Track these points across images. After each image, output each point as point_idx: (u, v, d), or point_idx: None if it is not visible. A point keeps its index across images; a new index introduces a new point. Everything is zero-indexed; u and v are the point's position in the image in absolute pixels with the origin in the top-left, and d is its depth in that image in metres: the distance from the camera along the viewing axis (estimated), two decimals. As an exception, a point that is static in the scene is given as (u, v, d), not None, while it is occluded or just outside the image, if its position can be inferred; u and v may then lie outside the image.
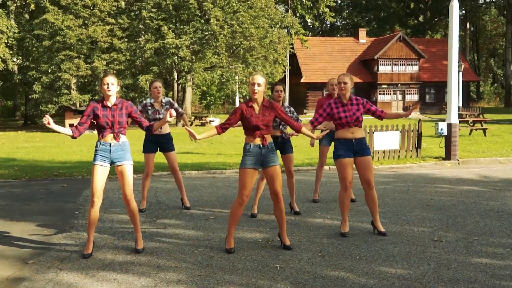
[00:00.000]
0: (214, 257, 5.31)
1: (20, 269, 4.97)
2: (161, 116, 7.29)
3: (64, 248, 5.65)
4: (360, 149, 5.98)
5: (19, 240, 6.04)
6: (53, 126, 5.30)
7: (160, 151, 7.50)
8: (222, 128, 5.46)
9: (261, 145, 5.39)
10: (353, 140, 5.95)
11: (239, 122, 5.55)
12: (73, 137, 5.41)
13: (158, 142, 7.39)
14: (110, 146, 5.32)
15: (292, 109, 7.16)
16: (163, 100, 7.40)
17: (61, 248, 5.67)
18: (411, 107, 7.41)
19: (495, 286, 4.44)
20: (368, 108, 6.02)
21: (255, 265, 5.03)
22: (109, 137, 5.33)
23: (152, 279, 4.68)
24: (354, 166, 6.10)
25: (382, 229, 6.12)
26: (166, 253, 5.44)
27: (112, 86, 5.30)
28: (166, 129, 7.41)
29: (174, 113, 5.22)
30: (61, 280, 4.66)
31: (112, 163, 5.37)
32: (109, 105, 5.34)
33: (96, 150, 5.36)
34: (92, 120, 5.41)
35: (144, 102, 7.42)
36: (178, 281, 4.61)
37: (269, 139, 5.46)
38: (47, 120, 5.23)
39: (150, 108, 7.33)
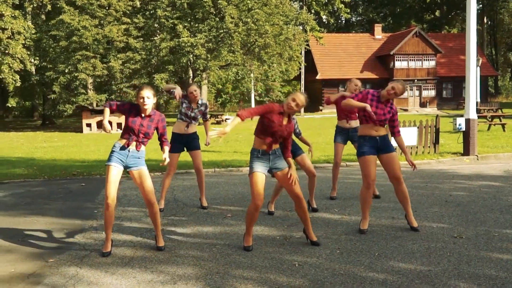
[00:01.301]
0: (232, 254, 5.31)
1: (40, 268, 5.02)
2: (192, 114, 7.28)
3: (84, 247, 5.70)
4: (384, 146, 5.94)
5: (39, 239, 6.10)
6: (107, 124, 5.42)
7: (186, 150, 7.49)
8: (246, 116, 5.14)
9: (269, 151, 5.29)
10: (377, 138, 5.92)
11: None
12: (111, 109, 5.42)
13: (183, 141, 7.37)
14: (128, 151, 5.32)
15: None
16: (200, 102, 7.40)
17: (80, 246, 5.72)
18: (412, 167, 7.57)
19: (517, 282, 4.38)
20: (394, 119, 6.02)
21: (273, 262, 5.02)
22: (131, 144, 5.32)
23: (171, 276, 4.70)
24: (377, 163, 6.08)
25: (415, 224, 6.09)
26: (184, 251, 5.46)
27: (148, 99, 5.24)
28: (192, 128, 7.39)
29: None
30: (81, 278, 4.70)
31: (125, 167, 5.37)
32: (143, 114, 5.33)
33: (113, 151, 5.34)
34: (110, 120, 5.44)
35: (185, 94, 7.41)
36: (196, 279, 4.62)
37: (276, 145, 5.37)
38: (109, 129, 5.43)
39: (185, 102, 7.30)
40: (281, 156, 5.39)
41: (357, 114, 6.62)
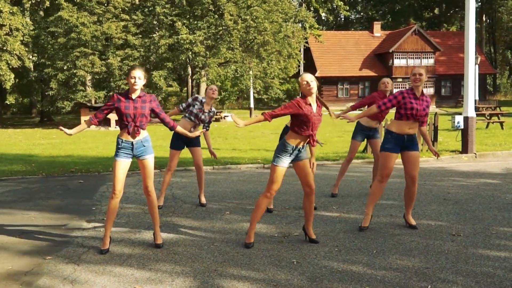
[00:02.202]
0: (230, 252, 5.31)
1: (38, 265, 5.01)
2: (202, 116, 7.24)
3: (82, 244, 5.69)
4: (410, 144, 5.93)
5: (37, 236, 6.09)
6: (72, 131, 5.41)
7: (186, 146, 7.46)
8: (271, 116, 5.26)
9: (300, 147, 5.33)
10: (405, 136, 5.89)
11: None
12: (92, 124, 5.45)
13: (186, 139, 7.29)
14: (132, 144, 5.33)
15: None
16: (212, 108, 7.38)
17: (78, 244, 5.72)
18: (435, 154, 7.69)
19: (514, 280, 4.39)
20: (428, 110, 5.99)
21: (272, 260, 5.02)
22: (131, 131, 5.30)
23: (169, 274, 4.70)
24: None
25: (413, 223, 6.13)
26: (183, 249, 5.46)
27: (139, 80, 5.27)
28: (197, 130, 7.29)
29: (202, 132, 5.78)
30: (78, 276, 4.69)
31: (135, 156, 5.41)
32: (133, 97, 5.31)
33: (118, 148, 5.35)
34: (107, 117, 5.44)
35: (197, 96, 7.37)
36: (195, 276, 4.62)
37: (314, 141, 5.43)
38: (63, 130, 5.37)
39: (198, 104, 7.24)
40: (305, 147, 5.44)
41: (389, 111, 6.63)
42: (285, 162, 5.31)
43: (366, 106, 7.62)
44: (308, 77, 5.24)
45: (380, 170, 6.02)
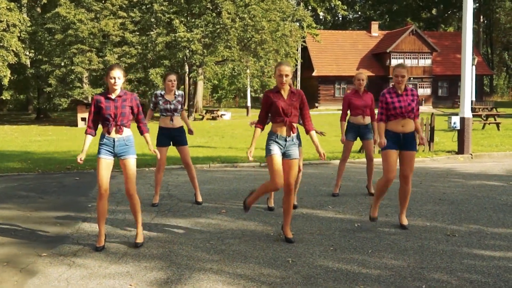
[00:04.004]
0: (226, 250, 5.31)
1: (33, 262, 5.01)
2: (172, 106, 7.25)
3: (77, 241, 5.69)
4: (407, 143, 5.93)
5: (32, 232, 6.09)
6: (83, 154, 5.35)
7: (173, 144, 7.49)
8: (261, 123, 5.67)
9: (287, 137, 5.47)
10: (401, 134, 5.90)
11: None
12: (93, 135, 5.40)
13: (171, 135, 7.35)
14: (114, 141, 5.29)
15: None
16: (176, 92, 7.38)
17: (73, 240, 5.71)
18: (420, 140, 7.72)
19: (508, 280, 4.40)
20: (417, 103, 5.99)
21: (267, 259, 5.03)
22: (112, 132, 5.28)
23: (164, 272, 4.70)
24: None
25: (405, 223, 6.14)
26: (178, 247, 5.46)
27: (119, 80, 5.25)
28: (178, 122, 7.37)
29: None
30: (74, 273, 4.69)
31: (115, 156, 5.35)
32: (113, 97, 5.28)
33: (100, 144, 5.32)
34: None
35: (155, 92, 7.42)
36: (190, 274, 4.62)
37: (294, 130, 5.53)
38: (79, 159, 5.33)
39: (161, 98, 7.31)
40: (296, 144, 5.56)
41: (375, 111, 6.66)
42: (275, 149, 5.46)
43: (349, 111, 7.86)
44: (282, 69, 5.39)
45: (384, 172, 5.98)
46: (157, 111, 7.50)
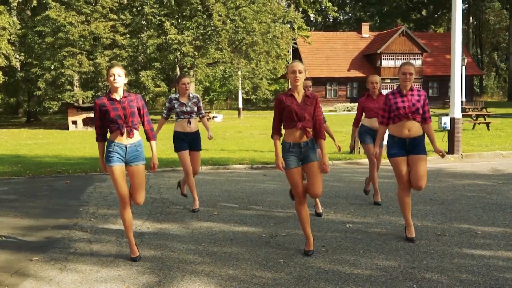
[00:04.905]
0: (218, 252, 5.32)
1: (24, 266, 4.99)
2: (188, 108, 7.04)
3: (68, 245, 5.67)
4: (414, 146, 5.57)
5: (24, 236, 6.06)
6: (102, 163, 5.16)
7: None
8: (277, 132, 5.18)
9: (301, 143, 5.09)
10: (407, 140, 5.55)
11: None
12: (103, 141, 5.19)
13: (189, 140, 7.12)
14: (126, 147, 5.01)
15: None
16: (190, 95, 7.18)
17: (65, 245, 5.70)
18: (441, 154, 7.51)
19: (498, 279, 4.44)
20: (425, 104, 5.61)
21: (259, 260, 5.04)
22: (124, 136, 4.99)
23: (156, 275, 4.70)
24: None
25: (412, 235, 5.69)
26: (170, 249, 5.46)
27: (119, 77, 4.96)
28: (195, 126, 7.17)
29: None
30: (65, 277, 4.68)
31: (126, 163, 5.07)
32: (118, 98, 5.00)
33: (109, 151, 5.00)
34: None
35: (170, 97, 7.23)
36: (182, 277, 4.62)
37: (310, 135, 5.14)
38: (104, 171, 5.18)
39: (176, 102, 7.09)
40: (313, 147, 5.16)
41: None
42: (291, 162, 5.07)
43: (364, 114, 7.43)
44: (296, 66, 5.07)
45: (397, 179, 5.67)
46: (173, 113, 7.25)
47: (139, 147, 5.11)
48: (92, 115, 28.08)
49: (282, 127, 5.19)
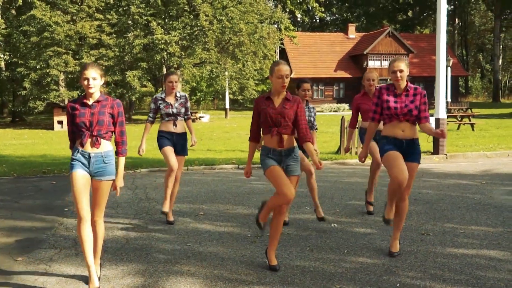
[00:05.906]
0: (203, 252, 5.33)
1: (9, 266, 4.96)
2: (174, 110, 6.57)
3: (53, 245, 5.65)
4: (410, 153, 5.08)
5: (8, 237, 6.02)
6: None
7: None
8: (254, 135, 4.90)
9: (281, 150, 4.69)
10: (404, 141, 5.06)
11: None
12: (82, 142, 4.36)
13: (173, 141, 6.58)
14: (90, 156, 4.32)
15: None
16: (178, 94, 6.70)
17: (50, 245, 5.67)
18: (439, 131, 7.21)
19: (480, 277, 4.50)
20: (421, 104, 5.12)
21: (244, 260, 5.06)
22: (88, 145, 4.32)
23: (141, 275, 4.70)
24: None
25: (396, 250, 5.21)
26: (155, 249, 5.46)
27: (94, 81, 4.29)
28: (182, 127, 6.64)
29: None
30: (50, 277, 4.66)
31: (90, 175, 4.38)
32: (90, 102, 4.36)
33: (73, 159, 4.35)
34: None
35: (155, 96, 6.75)
36: (167, 277, 4.63)
37: (290, 142, 4.74)
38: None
39: (161, 102, 6.60)
40: (296, 159, 4.77)
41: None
42: (270, 162, 4.68)
43: (359, 113, 6.91)
44: (282, 70, 4.66)
45: (391, 178, 4.99)
46: (156, 120, 6.79)
47: (108, 158, 4.38)
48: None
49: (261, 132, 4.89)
